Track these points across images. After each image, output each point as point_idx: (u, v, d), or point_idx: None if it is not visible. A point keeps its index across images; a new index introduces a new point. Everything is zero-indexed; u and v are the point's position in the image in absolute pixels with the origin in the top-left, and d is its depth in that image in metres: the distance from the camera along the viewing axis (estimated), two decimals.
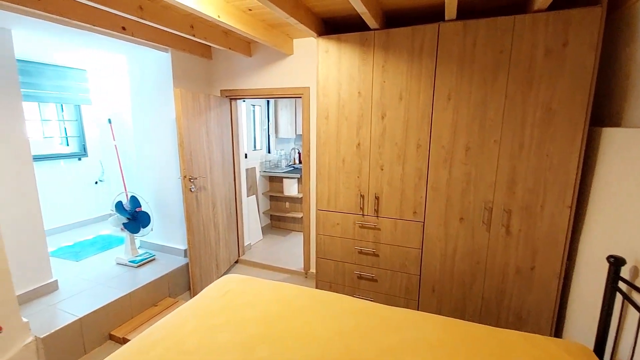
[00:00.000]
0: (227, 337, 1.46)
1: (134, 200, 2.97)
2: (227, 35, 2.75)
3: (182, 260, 3.09)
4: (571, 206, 1.89)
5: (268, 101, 4.93)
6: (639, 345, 1.26)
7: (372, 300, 2.16)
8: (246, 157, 4.04)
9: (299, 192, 4.65)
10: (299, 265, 3.50)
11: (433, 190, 2.19)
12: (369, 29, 2.21)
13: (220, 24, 2.08)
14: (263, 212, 4.74)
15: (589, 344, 1.54)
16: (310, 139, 3.07)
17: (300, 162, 5.44)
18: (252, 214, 4.17)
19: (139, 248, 3.24)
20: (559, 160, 1.88)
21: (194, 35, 2.36)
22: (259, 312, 1.67)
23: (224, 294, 1.86)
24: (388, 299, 2.47)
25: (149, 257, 3.04)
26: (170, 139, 3.04)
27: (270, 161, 5.02)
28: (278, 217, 4.89)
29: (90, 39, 2.41)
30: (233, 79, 3.28)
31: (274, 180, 4.88)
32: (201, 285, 2.92)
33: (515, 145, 1.95)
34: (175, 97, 2.55)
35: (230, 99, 3.37)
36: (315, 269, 2.69)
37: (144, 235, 3.02)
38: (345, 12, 2.21)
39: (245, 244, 3.84)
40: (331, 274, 2.64)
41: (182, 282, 3.01)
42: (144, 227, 2.98)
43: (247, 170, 4.09)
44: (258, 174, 4.60)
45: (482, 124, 2.01)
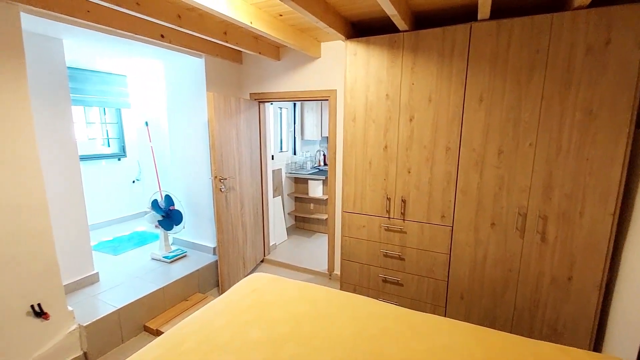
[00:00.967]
0: (257, 334, 1.51)
1: (168, 199, 3.12)
2: (258, 41, 2.83)
3: (211, 258, 3.20)
4: (614, 213, 1.78)
5: (294, 104, 5.01)
6: None
7: (397, 305, 2.14)
8: (273, 158, 4.12)
9: (323, 194, 4.68)
10: (323, 266, 3.52)
11: (463, 194, 2.14)
12: (397, 31, 2.20)
13: (252, 30, 2.15)
14: (288, 213, 4.81)
15: None
16: (336, 141, 3.09)
17: (325, 164, 5.47)
18: (277, 214, 4.24)
19: (171, 245, 3.39)
20: (601, 164, 1.78)
21: (227, 41, 2.46)
22: (286, 311, 1.70)
23: (251, 292, 1.91)
24: (414, 304, 2.43)
25: (181, 254, 3.18)
26: (202, 140, 3.17)
27: (295, 163, 5.09)
28: (302, 218, 4.94)
29: (131, 47, 2.57)
30: (262, 82, 3.37)
31: (299, 182, 4.94)
32: (229, 282, 3.01)
33: (552, 148, 1.87)
34: (208, 100, 2.65)
35: (259, 101, 3.46)
36: (340, 271, 2.70)
37: (176, 232, 3.17)
38: (373, 15, 2.22)
39: (271, 244, 3.92)
40: (356, 277, 2.63)
41: (211, 279, 3.12)
42: (176, 224, 3.12)
43: (273, 171, 4.18)
44: (284, 176, 4.68)
45: (516, 127, 1.94)
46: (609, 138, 1.74)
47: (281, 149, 4.72)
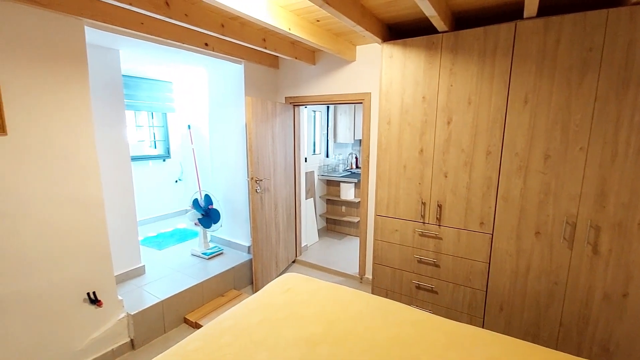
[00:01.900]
0: (291, 332, 1.55)
1: (208, 199, 3.28)
2: (294, 46, 2.90)
3: (245, 256, 3.31)
4: None
5: (328, 107, 5.05)
6: None
7: (431, 313, 2.09)
8: (306, 161, 4.19)
9: (355, 197, 4.67)
10: (353, 269, 3.51)
11: (504, 200, 2.04)
12: (435, 32, 2.16)
13: (290, 36, 2.21)
14: (319, 215, 4.85)
15: None
16: (370, 145, 3.07)
17: (357, 167, 5.45)
18: (309, 216, 4.30)
19: (209, 242, 3.55)
20: None
21: (265, 48, 2.55)
22: (318, 311, 1.72)
23: (285, 291, 1.96)
24: (449, 313, 2.36)
25: (218, 251, 3.33)
26: (240, 143, 3.31)
27: (328, 165, 5.12)
28: (334, 221, 4.96)
29: (177, 55, 2.75)
30: (297, 86, 3.44)
31: (331, 184, 4.97)
32: (262, 281, 3.10)
33: (606, 153, 1.73)
34: (246, 104, 2.76)
35: (294, 105, 3.54)
36: (372, 275, 2.68)
37: (214, 230, 3.32)
38: (411, 17, 2.19)
39: (302, 245, 3.97)
40: (388, 281, 2.60)
41: (245, 276, 3.23)
42: (214, 223, 3.26)
43: (306, 173, 4.24)
44: (316, 178, 4.73)
45: (565, 130, 1.82)
46: None
47: (314, 151, 4.78)
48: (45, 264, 1.83)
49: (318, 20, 2.28)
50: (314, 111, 4.74)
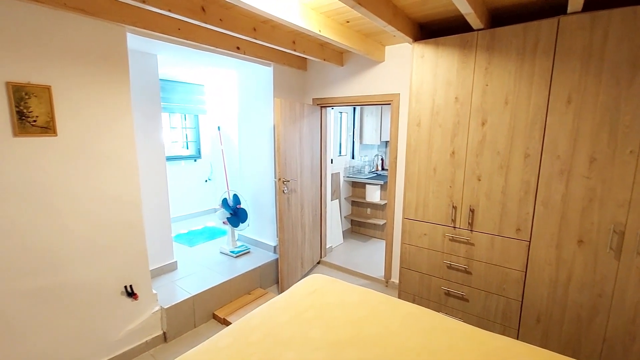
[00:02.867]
0: (318, 334, 1.55)
1: (236, 198, 3.36)
2: (323, 48, 2.92)
3: (271, 256, 3.36)
4: None
5: (354, 108, 5.02)
6: None
7: (461, 321, 2.02)
8: (332, 162, 4.19)
9: (381, 199, 4.60)
10: (379, 272, 3.46)
11: (543, 206, 1.93)
12: (470, 30, 2.09)
13: (320, 38, 2.22)
14: (344, 217, 4.83)
15: None
16: (398, 146, 3.02)
17: (383, 169, 5.38)
18: (334, 217, 4.29)
19: (237, 240, 3.64)
20: None
21: (295, 50, 2.58)
22: (345, 314, 1.71)
23: (312, 292, 1.96)
24: (480, 322, 2.26)
25: (245, 250, 3.40)
26: (267, 144, 3.36)
27: (353, 167, 5.09)
28: (359, 223, 4.92)
29: (210, 59, 2.84)
30: (325, 88, 3.45)
31: (357, 186, 4.93)
32: (288, 280, 3.13)
33: None
34: (275, 106, 2.81)
35: (321, 106, 3.55)
36: (399, 279, 2.63)
37: (242, 229, 3.39)
38: (444, 15, 2.14)
39: (327, 246, 3.97)
40: (415, 286, 2.54)
41: (271, 276, 3.27)
42: (242, 222, 3.34)
43: (332, 175, 4.24)
44: (342, 179, 4.71)
45: (613, 132, 1.70)
46: None
47: (340, 153, 4.77)
48: (89, 257, 1.95)
49: (348, 22, 2.28)
50: (341, 112, 4.73)
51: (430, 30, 2.43)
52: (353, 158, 5.15)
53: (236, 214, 3.33)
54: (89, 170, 1.89)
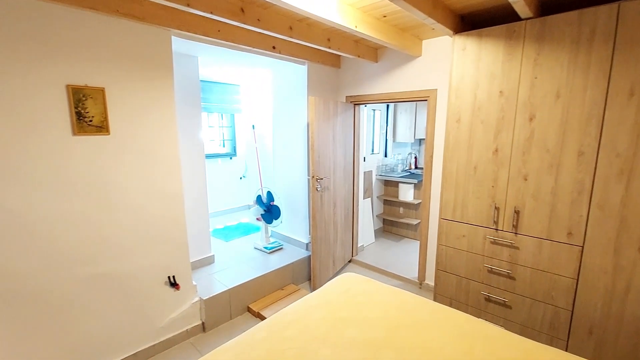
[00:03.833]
0: (352, 333, 1.53)
1: (270, 195, 3.42)
2: (357, 44, 2.88)
3: (303, 253, 3.39)
4: None
5: (388, 105, 4.92)
6: None
7: (503, 329, 1.91)
8: (364, 160, 4.14)
9: (414, 198, 4.48)
10: (412, 273, 3.38)
11: (599, 208, 1.78)
12: (517, 20, 1.96)
13: (355, 34, 2.20)
14: (376, 216, 4.76)
15: None
16: (434, 144, 2.92)
17: (416, 167, 5.23)
18: (366, 216, 4.24)
19: (270, 237, 3.71)
20: None
21: (329, 47, 2.57)
22: (380, 314, 1.68)
23: (345, 291, 1.95)
24: (524, 330, 2.13)
25: (278, 246, 3.46)
26: (300, 142, 3.39)
27: (386, 165, 5.00)
28: (391, 222, 4.82)
29: (246, 59, 2.91)
30: (358, 85, 3.41)
31: (389, 185, 4.84)
32: (319, 278, 3.14)
33: None
34: (309, 104, 2.82)
35: (355, 104, 3.52)
36: (434, 282, 2.54)
37: (275, 226, 3.45)
38: (487, 5, 2.02)
39: (359, 245, 3.94)
40: (452, 290, 2.44)
41: (303, 273, 3.30)
42: (275, 219, 3.40)
43: (364, 173, 4.19)
44: (374, 178, 4.64)
45: None
46: None
47: (372, 151, 4.70)
48: (137, 248, 2.08)
49: (384, 16, 2.23)
50: (374, 110, 4.65)
51: (471, 21, 2.32)
52: (386, 156, 5.05)
53: (270, 211, 3.40)
54: (137, 166, 2.02)
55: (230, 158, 4.97)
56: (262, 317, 2.61)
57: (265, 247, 3.38)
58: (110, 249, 1.96)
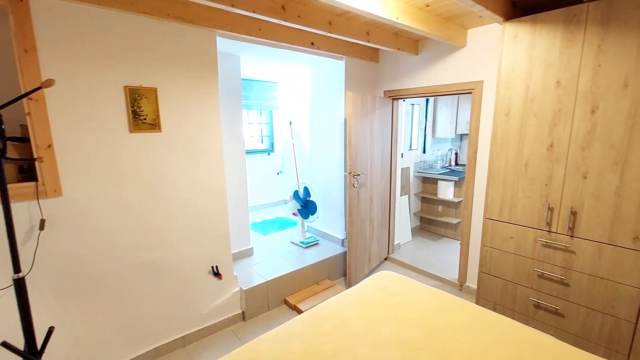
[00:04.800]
0: (389, 332, 1.51)
1: (306, 191, 3.46)
2: (397, 37, 2.80)
3: (339, 249, 3.39)
4: None
5: (427, 100, 4.75)
6: None
7: (555, 338, 1.77)
8: (402, 156, 4.03)
9: (454, 196, 4.29)
10: (451, 275, 3.25)
11: None
12: (576, 3, 1.78)
13: (396, 26, 2.13)
14: (413, 213, 4.63)
15: None
16: (478, 139, 2.76)
17: (457, 164, 5.00)
18: (403, 213, 4.14)
19: (306, 232, 3.76)
20: None
21: (368, 41, 2.52)
22: (418, 315, 1.64)
23: (383, 289, 1.92)
24: (577, 341, 1.96)
25: (314, 241, 3.50)
26: (337, 138, 3.38)
27: (424, 162, 4.83)
28: (429, 220, 4.67)
29: (285, 56, 2.95)
30: (397, 79, 3.32)
31: (427, 182, 4.68)
32: (355, 275, 3.13)
33: None
34: (347, 99, 2.80)
35: (393, 99, 3.43)
36: (477, 285, 2.43)
37: (311, 221, 3.49)
38: None
39: (395, 243, 3.86)
40: (497, 294, 2.31)
41: (338, 268, 3.31)
42: (312, 214, 3.43)
43: (402, 169, 4.09)
44: (412, 174, 4.52)
45: None
46: None
47: (410, 147, 4.56)
48: (185, 239, 2.21)
49: (427, 5, 2.14)
50: (412, 105, 4.51)
51: (523, 7, 2.15)
52: (424, 152, 4.88)
53: (306, 206, 3.44)
54: (186, 162, 2.14)
55: (268, 154, 5.09)
56: (298, 310, 2.66)
57: (301, 242, 3.44)
58: (163, 239, 2.11)
